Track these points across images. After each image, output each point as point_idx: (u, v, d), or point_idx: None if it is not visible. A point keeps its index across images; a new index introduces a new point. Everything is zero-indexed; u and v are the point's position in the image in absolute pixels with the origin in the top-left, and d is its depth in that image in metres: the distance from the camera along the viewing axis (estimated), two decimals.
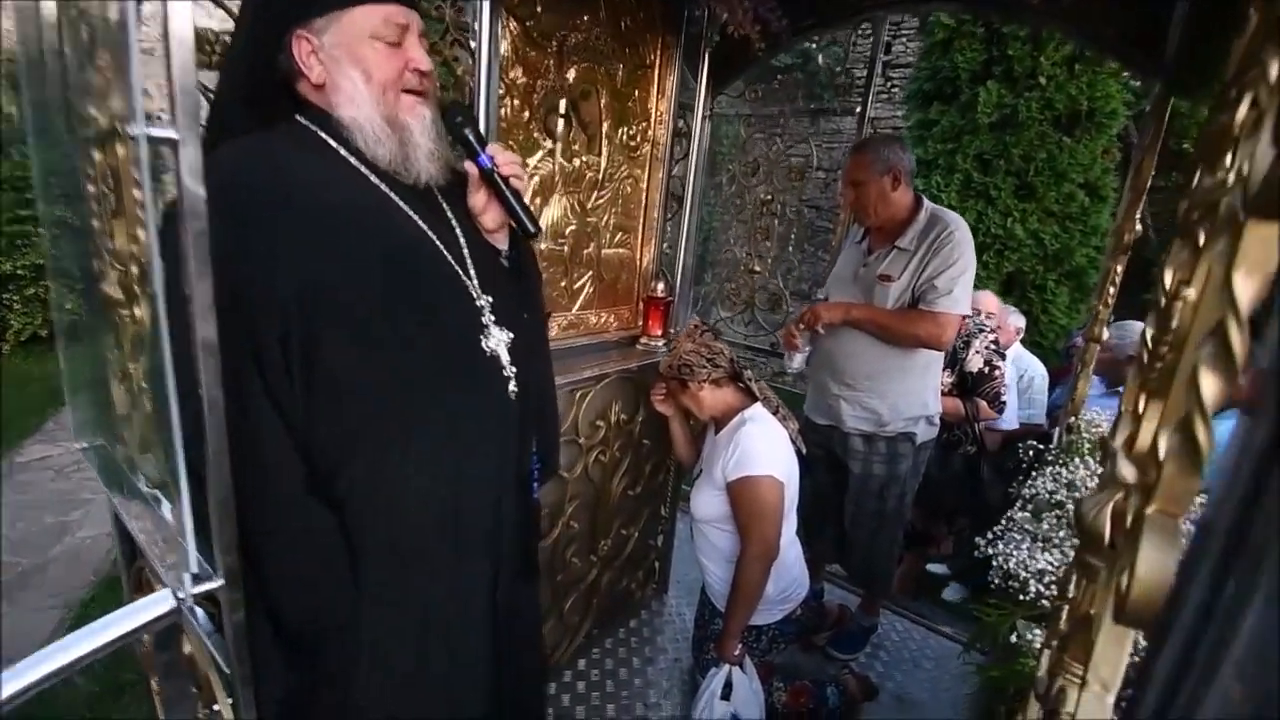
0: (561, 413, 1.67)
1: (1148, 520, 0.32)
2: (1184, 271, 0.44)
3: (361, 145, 0.93)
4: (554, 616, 1.84)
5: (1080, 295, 3.55)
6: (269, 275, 0.81)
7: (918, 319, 1.74)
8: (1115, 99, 3.31)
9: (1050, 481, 1.21)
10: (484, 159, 1.03)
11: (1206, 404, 0.31)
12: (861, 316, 1.81)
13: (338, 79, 0.91)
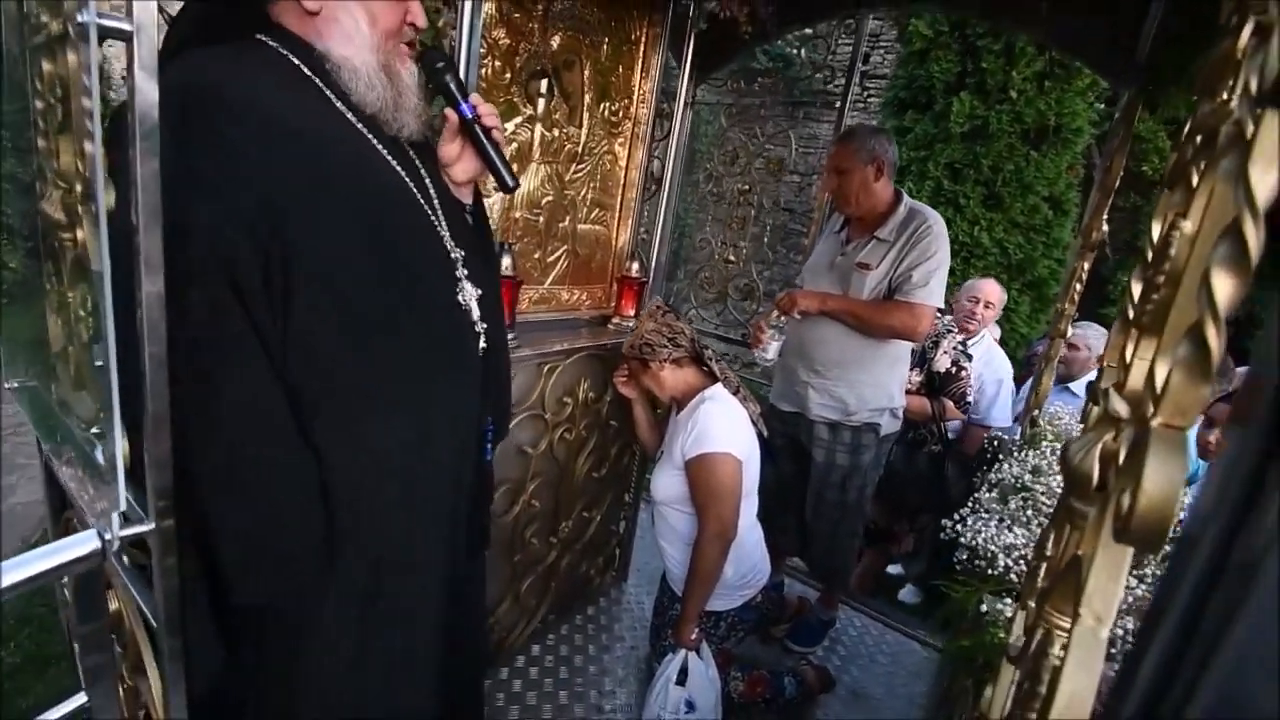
0: (528, 386, 1.63)
1: (1153, 433, 0.30)
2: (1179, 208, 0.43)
3: (348, 86, 0.87)
4: (510, 598, 1.79)
5: (1040, 305, 3.66)
6: (255, 195, 0.75)
7: (893, 309, 1.75)
8: (1081, 116, 3.43)
9: (1016, 467, 1.22)
10: (466, 108, 0.99)
11: (1220, 306, 0.29)
12: (838, 307, 1.81)
13: (337, 13, 0.85)
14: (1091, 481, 0.44)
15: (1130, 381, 0.44)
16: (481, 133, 0.99)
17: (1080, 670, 0.32)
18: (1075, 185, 3.59)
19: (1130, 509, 0.30)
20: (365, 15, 0.86)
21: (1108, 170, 1.44)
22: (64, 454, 1.01)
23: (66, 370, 1.01)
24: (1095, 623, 0.33)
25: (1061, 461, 0.47)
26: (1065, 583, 0.43)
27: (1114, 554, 0.34)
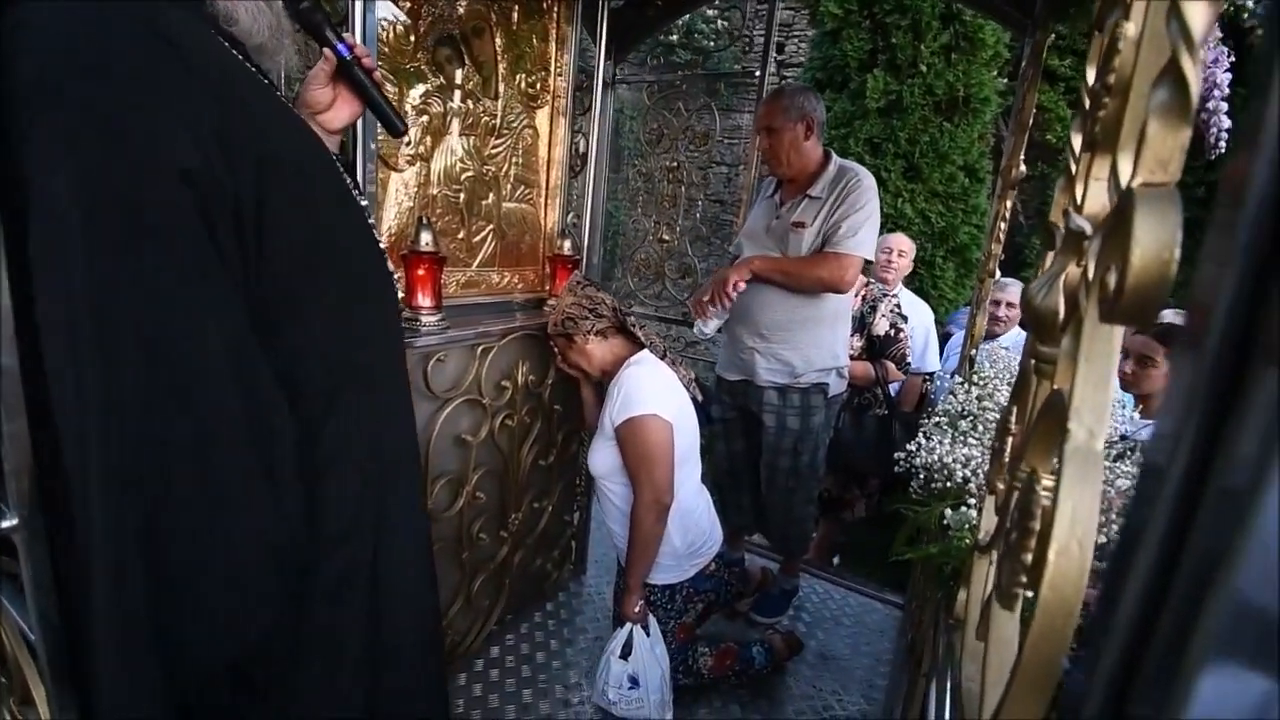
0: (461, 370, 1.54)
1: (1137, 194, 0.26)
2: (1118, 17, 0.40)
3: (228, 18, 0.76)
4: (462, 600, 1.68)
5: (965, 270, 3.81)
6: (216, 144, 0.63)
7: (819, 261, 1.75)
8: (988, 87, 3.59)
9: (961, 396, 1.23)
10: (343, 48, 0.90)
11: (1195, 32, 0.25)
12: (764, 267, 1.80)
13: None
14: (1058, 318, 0.40)
15: (1088, 205, 0.41)
16: (362, 74, 0.91)
17: (1079, 484, 0.28)
18: (987, 154, 3.75)
19: (1121, 277, 0.26)
20: None
21: (1021, 109, 1.48)
22: None
23: None
24: (1088, 435, 0.29)
25: (1024, 306, 0.44)
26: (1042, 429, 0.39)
27: (1100, 352, 0.30)
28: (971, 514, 0.78)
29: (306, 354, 0.77)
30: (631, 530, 1.48)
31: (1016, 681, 0.33)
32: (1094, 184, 0.40)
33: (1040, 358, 0.42)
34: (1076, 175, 0.42)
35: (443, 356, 1.45)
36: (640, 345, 1.61)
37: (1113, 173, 0.34)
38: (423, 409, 1.43)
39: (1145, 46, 0.36)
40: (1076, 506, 0.27)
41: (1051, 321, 0.40)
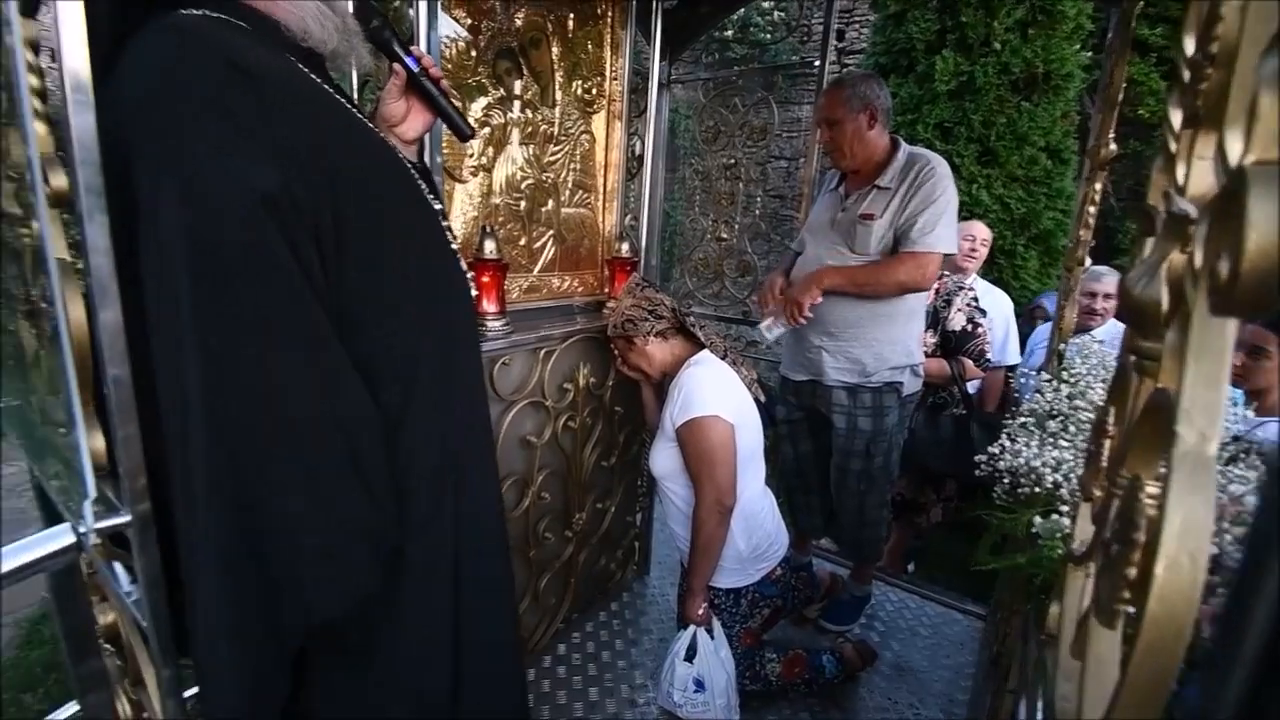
0: (525, 373, 1.57)
1: (1249, 173, 0.23)
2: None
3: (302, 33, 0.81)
4: (529, 596, 1.71)
5: (1049, 259, 3.55)
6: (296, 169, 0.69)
7: (896, 264, 1.67)
8: (1070, 62, 3.34)
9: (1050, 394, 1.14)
10: (411, 61, 0.94)
11: None
12: (837, 281, 1.70)
13: None
14: (1161, 309, 0.36)
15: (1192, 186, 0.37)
16: (430, 84, 0.94)
17: (1189, 493, 0.25)
18: (1072, 133, 3.49)
19: (1235, 264, 0.23)
20: None
21: (1109, 84, 1.37)
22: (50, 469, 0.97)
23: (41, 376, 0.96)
24: (1199, 439, 0.26)
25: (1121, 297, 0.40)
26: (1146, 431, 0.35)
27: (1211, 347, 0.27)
28: (1064, 522, 0.72)
29: (387, 350, 0.81)
30: (694, 532, 1.47)
31: (1120, 704, 0.30)
32: (1197, 163, 0.36)
33: (1141, 353, 0.38)
34: (1177, 154, 0.38)
35: (507, 360, 1.49)
36: (700, 345, 1.60)
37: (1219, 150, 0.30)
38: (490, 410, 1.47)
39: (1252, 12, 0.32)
40: (1187, 517, 0.24)
41: (1154, 314, 0.37)
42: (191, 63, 0.66)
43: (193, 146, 0.63)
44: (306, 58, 0.82)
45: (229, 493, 0.65)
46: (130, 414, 0.67)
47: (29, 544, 0.67)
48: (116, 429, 0.68)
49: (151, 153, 0.64)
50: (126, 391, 0.66)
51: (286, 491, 0.67)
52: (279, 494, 0.67)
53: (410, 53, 0.96)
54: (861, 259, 1.73)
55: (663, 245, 3.61)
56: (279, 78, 0.73)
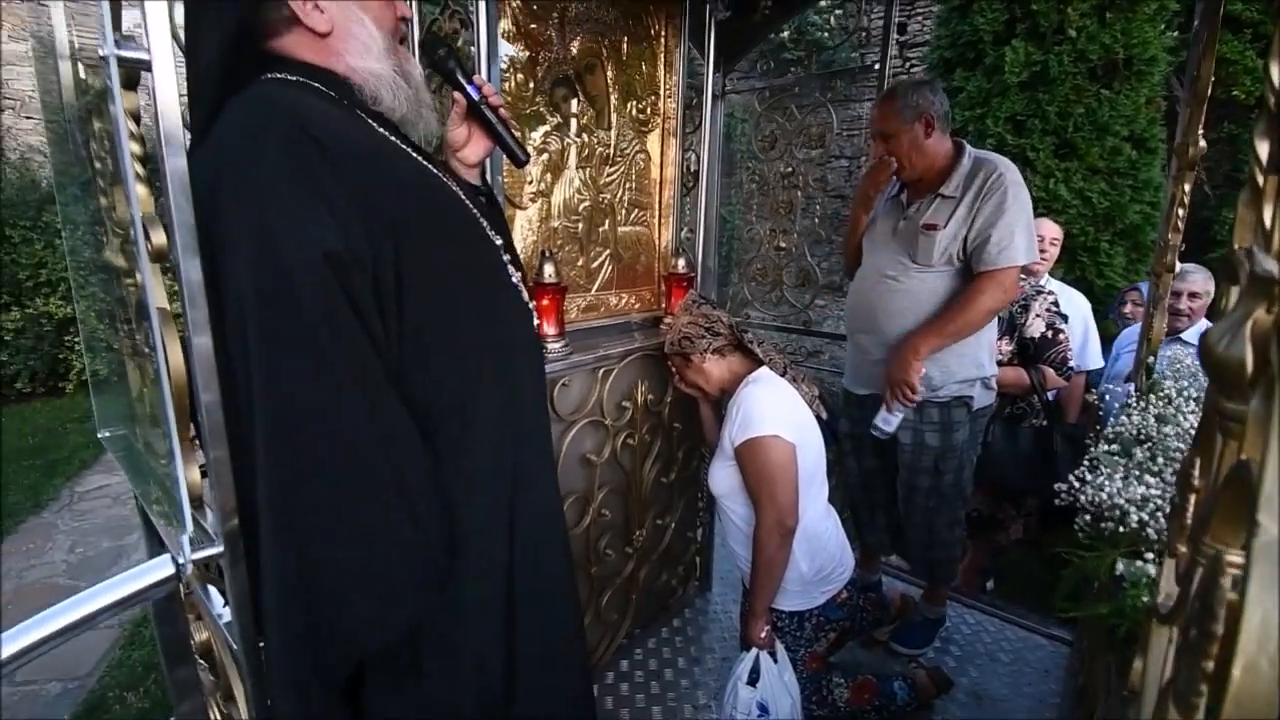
0: (584, 392, 1.60)
1: None
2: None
3: (374, 98, 0.88)
4: (591, 613, 1.74)
5: (1138, 255, 3.30)
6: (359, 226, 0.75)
7: (977, 294, 1.58)
8: (1154, 45, 3.10)
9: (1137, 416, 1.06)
10: (472, 89, 1.00)
11: None
12: (932, 343, 1.62)
13: (350, 26, 0.86)
14: (1245, 370, 0.34)
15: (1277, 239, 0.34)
16: (489, 111, 0.99)
17: (1268, 589, 0.23)
18: (1159, 120, 3.24)
19: None
20: (372, 21, 0.88)
21: (1196, 78, 1.27)
22: (152, 495, 1.06)
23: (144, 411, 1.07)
24: None
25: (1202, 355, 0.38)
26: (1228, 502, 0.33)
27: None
28: (1149, 569, 0.67)
29: (446, 386, 0.85)
30: (755, 554, 1.45)
31: None
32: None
33: (1225, 414, 0.36)
34: (1264, 195, 0.35)
35: (567, 381, 1.53)
36: (759, 362, 1.58)
37: None
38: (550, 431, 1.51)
39: None
40: (1267, 616, 0.23)
41: (1238, 375, 0.34)
42: (269, 131, 0.73)
43: (265, 209, 0.70)
44: (379, 115, 0.88)
45: (286, 528, 0.71)
46: (220, 438, 0.73)
47: (134, 575, 0.74)
48: (208, 451, 0.74)
49: (230, 213, 0.71)
50: (217, 416, 0.73)
51: (337, 529, 0.73)
52: (330, 531, 0.73)
53: (472, 81, 1.01)
54: (924, 270, 1.67)
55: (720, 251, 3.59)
56: (348, 141, 0.79)
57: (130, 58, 0.62)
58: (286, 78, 0.85)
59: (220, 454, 0.74)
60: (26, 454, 4.17)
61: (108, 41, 0.61)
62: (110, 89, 0.66)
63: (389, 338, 0.78)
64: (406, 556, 0.77)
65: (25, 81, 6.11)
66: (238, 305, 0.70)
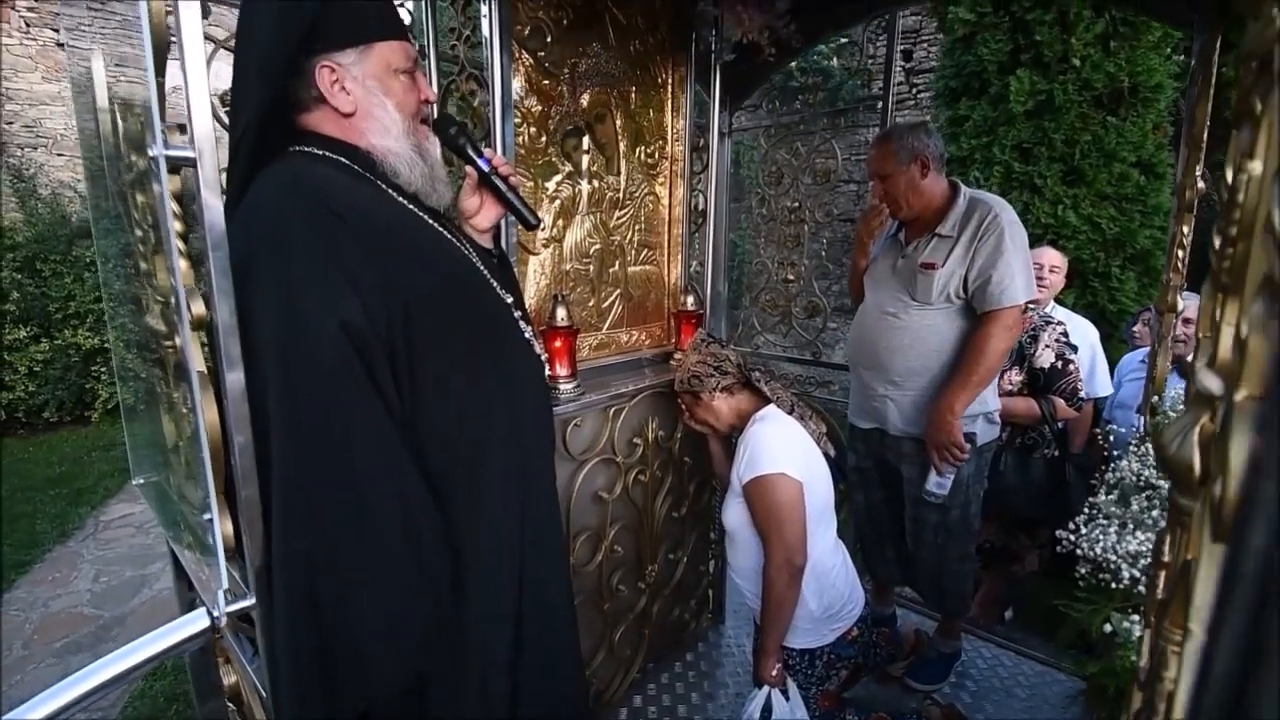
0: (596, 431, 1.64)
1: (1236, 409, 0.25)
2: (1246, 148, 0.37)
3: (393, 173, 0.95)
4: (604, 650, 1.76)
5: (1149, 280, 3.29)
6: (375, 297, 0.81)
7: (986, 338, 1.62)
8: (1159, 72, 3.13)
9: (1136, 462, 1.07)
10: (483, 162, 1.06)
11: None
12: (962, 397, 1.63)
13: (372, 109, 0.93)
14: (1193, 472, 0.37)
15: (1220, 351, 0.38)
16: (500, 181, 1.05)
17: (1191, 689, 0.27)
18: (1166, 146, 3.26)
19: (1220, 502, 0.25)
20: (393, 104, 0.94)
21: (1192, 123, 1.30)
22: (183, 540, 1.11)
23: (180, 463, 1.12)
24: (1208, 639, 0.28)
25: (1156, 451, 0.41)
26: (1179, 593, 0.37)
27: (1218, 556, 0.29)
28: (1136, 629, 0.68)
29: (459, 442, 0.90)
30: (765, 591, 1.47)
31: None
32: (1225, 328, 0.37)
33: (1178, 509, 0.39)
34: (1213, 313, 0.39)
35: (579, 422, 1.57)
36: (767, 400, 1.61)
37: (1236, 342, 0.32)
38: (562, 470, 1.55)
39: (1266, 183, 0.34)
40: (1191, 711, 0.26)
41: (1187, 474, 0.38)
42: (297, 208, 0.80)
43: (291, 283, 0.77)
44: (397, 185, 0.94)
45: (301, 582, 0.76)
46: (251, 476, 0.78)
47: (170, 630, 0.79)
48: (244, 524, 0.79)
49: (259, 284, 0.77)
50: (249, 456, 0.77)
51: (352, 583, 0.78)
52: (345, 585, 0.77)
53: (482, 154, 1.07)
54: (924, 307, 1.71)
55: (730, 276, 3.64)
56: (369, 214, 0.86)
57: (178, 157, 0.68)
58: (313, 151, 0.92)
59: (251, 494, 0.78)
60: (53, 483, 4.28)
61: (157, 143, 0.67)
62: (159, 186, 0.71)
63: (403, 401, 0.83)
64: (418, 608, 0.81)
65: (57, 120, 6.38)
66: (261, 370, 0.75)
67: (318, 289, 0.77)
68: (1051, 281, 2.48)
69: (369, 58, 0.92)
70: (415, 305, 0.84)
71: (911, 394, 1.76)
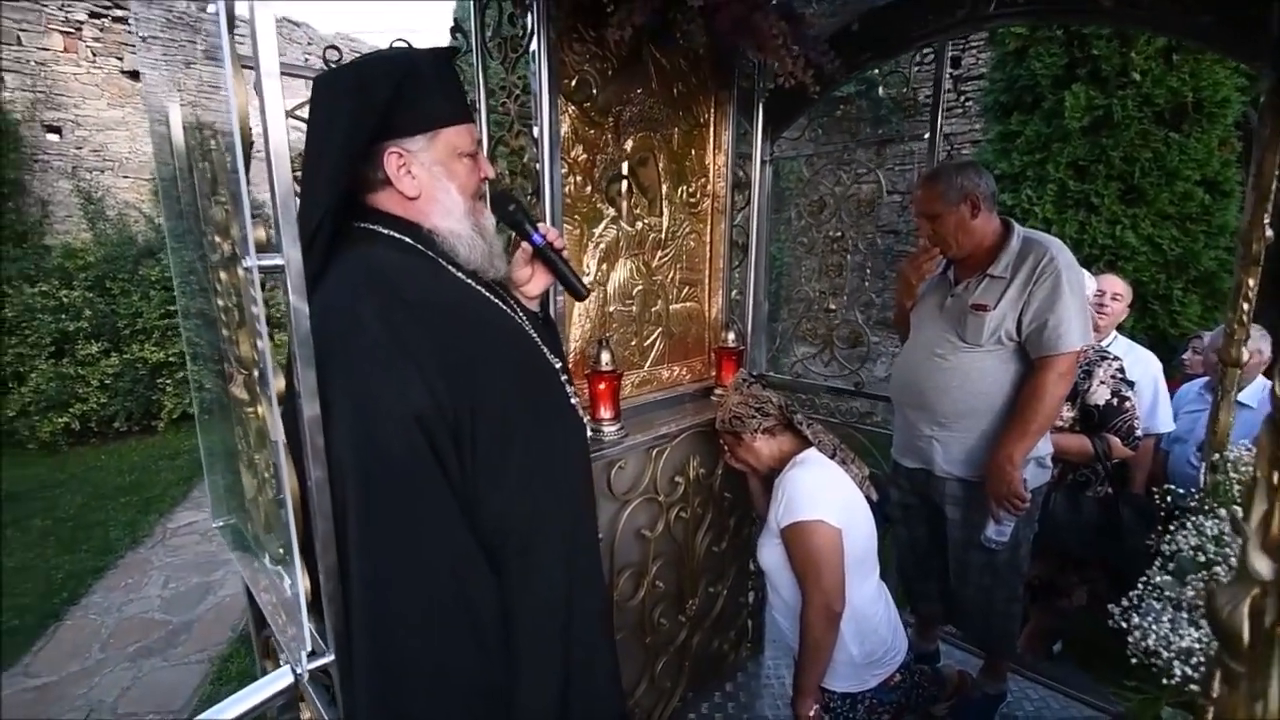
0: (639, 472, 1.68)
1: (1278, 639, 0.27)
2: None
3: (454, 252, 0.99)
4: (646, 680, 1.79)
5: (1214, 303, 3.14)
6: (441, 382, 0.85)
7: (1043, 386, 1.59)
8: (1226, 86, 2.99)
9: (1194, 535, 1.03)
10: (537, 237, 1.10)
11: None
12: (1022, 445, 1.61)
13: (435, 193, 0.98)
14: (1243, 641, 0.38)
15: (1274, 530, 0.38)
16: (554, 254, 1.09)
17: None
18: (1233, 162, 3.11)
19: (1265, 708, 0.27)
20: (456, 187, 0.99)
21: (1260, 172, 1.25)
22: (260, 582, 1.19)
23: (258, 514, 1.20)
24: None
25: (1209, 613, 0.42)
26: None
27: None
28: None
29: (510, 512, 0.94)
30: (802, 635, 1.47)
31: None
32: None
33: (1227, 669, 0.40)
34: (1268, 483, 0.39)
35: (623, 464, 1.60)
36: (808, 443, 1.61)
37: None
38: (606, 510, 1.59)
39: None
40: None
41: (1237, 640, 0.39)
42: (365, 301, 0.86)
43: (365, 376, 0.82)
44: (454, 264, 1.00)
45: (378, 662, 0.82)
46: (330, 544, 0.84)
47: (258, 688, 0.85)
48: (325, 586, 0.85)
49: (334, 375, 0.82)
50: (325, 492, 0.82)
51: (422, 664, 0.83)
52: (416, 667, 0.83)
53: (537, 229, 1.12)
54: (972, 349, 1.68)
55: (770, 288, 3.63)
56: (432, 296, 0.92)
57: (268, 265, 0.74)
58: (378, 230, 0.98)
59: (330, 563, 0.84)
60: (123, 491, 4.56)
61: (250, 256, 0.73)
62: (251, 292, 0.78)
63: (464, 475, 0.88)
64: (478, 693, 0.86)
65: (122, 145, 6.79)
66: (338, 460, 0.81)
67: (390, 384, 0.82)
68: (1113, 310, 2.40)
69: (436, 144, 0.96)
70: (480, 388, 0.89)
71: (958, 435, 1.74)
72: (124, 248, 5.97)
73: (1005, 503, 1.63)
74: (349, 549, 0.82)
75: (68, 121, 6.50)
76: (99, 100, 6.64)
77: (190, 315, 1.43)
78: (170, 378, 5.67)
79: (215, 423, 1.39)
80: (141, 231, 6.35)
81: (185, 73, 1.17)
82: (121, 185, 6.81)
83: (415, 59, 0.96)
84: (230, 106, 0.73)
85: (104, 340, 5.50)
